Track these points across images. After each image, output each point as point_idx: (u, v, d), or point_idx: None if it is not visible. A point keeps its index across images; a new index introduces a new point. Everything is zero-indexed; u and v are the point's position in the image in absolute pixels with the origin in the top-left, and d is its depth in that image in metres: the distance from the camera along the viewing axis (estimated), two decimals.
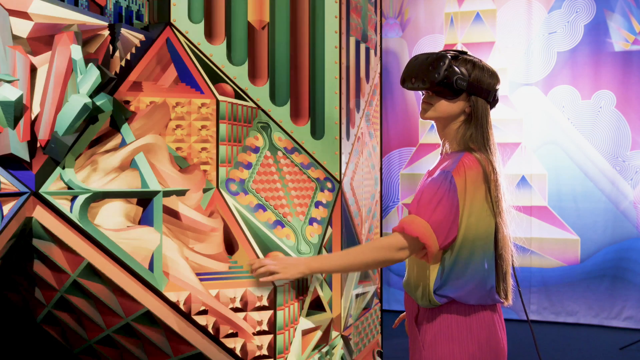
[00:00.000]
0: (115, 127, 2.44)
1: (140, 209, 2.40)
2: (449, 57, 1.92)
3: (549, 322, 5.84)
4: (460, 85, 1.90)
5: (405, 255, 1.85)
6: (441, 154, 2.05)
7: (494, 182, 1.90)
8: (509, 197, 1.96)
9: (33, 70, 2.19)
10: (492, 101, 1.99)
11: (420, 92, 2.02)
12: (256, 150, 2.91)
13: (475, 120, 1.94)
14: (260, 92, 2.95)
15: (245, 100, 2.89)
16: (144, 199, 2.38)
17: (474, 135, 1.94)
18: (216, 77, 2.82)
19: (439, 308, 1.91)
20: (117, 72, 2.54)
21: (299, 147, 3.05)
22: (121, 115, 2.48)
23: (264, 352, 2.54)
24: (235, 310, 2.50)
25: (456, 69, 1.90)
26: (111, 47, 2.51)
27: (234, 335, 2.48)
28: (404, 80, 1.97)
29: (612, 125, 5.74)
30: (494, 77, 1.98)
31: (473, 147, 1.94)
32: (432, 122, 2.08)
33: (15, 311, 2.62)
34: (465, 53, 1.99)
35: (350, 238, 3.35)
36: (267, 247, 2.77)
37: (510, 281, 1.98)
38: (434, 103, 1.95)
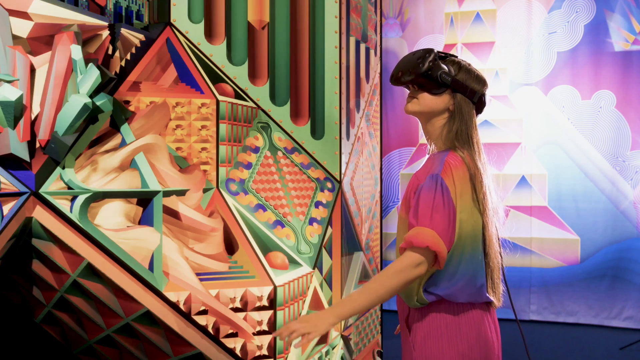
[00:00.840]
0: (115, 127, 2.44)
1: (140, 209, 2.39)
2: (436, 51, 1.94)
3: (549, 322, 5.84)
4: (444, 79, 1.92)
5: (424, 269, 1.84)
6: (428, 154, 2.04)
7: (478, 181, 1.91)
8: (495, 196, 1.96)
9: (33, 70, 2.19)
10: (479, 104, 1.99)
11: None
12: (256, 150, 2.91)
13: (459, 117, 1.95)
14: (260, 92, 2.95)
15: (245, 100, 2.89)
16: (144, 199, 2.38)
17: (458, 133, 1.94)
18: (216, 77, 2.82)
19: (429, 307, 1.92)
20: (117, 72, 2.54)
21: (299, 147, 3.05)
22: (121, 115, 2.48)
23: (264, 352, 2.54)
24: (235, 310, 2.50)
25: (441, 64, 1.93)
26: (111, 47, 2.51)
27: (234, 335, 2.48)
28: (392, 76, 1.99)
29: (612, 125, 5.74)
30: (479, 81, 1.98)
31: (458, 145, 1.94)
32: None
33: (15, 311, 2.61)
34: (454, 56, 2.01)
35: (350, 238, 3.35)
36: (267, 247, 2.77)
37: (499, 279, 1.99)
38: (417, 97, 1.96)
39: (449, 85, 1.93)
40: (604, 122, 5.77)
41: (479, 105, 2.00)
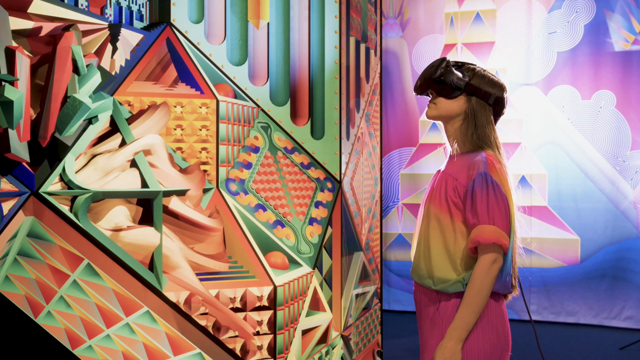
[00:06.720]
0: (115, 127, 2.44)
1: (140, 209, 2.40)
2: (448, 60, 2.08)
3: (549, 322, 5.85)
4: (457, 83, 2.04)
5: (501, 262, 1.95)
6: (451, 154, 2.13)
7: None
8: (515, 195, 2.07)
9: (33, 70, 2.19)
10: (497, 106, 2.10)
11: (423, 96, 2.18)
12: (256, 150, 2.91)
13: (473, 118, 2.06)
14: (260, 92, 2.95)
15: (245, 100, 2.89)
16: (144, 199, 2.38)
17: (475, 135, 2.06)
18: (216, 77, 2.82)
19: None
20: (117, 72, 2.54)
21: (299, 147, 3.05)
22: (121, 115, 2.48)
23: (264, 352, 2.54)
24: (235, 310, 2.50)
25: (454, 70, 2.06)
26: (111, 47, 2.51)
27: (234, 335, 2.48)
28: (414, 87, 2.16)
29: (612, 125, 5.74)
30: (494, 85, 2.10)
31: (484, 146, 2.05)
32: (433, 122, 2.19)
33: (15, 311, 2.61)
34: (471, 64, 2.13)
35: (350, 238, 3.35)
36: (267, 247, 2.77)
37: (517, 274, 2.12)
38: (435, 102, 2.09)
39: (462, 89, 2.04)
40: (604, 122, 5.77)
41: (498, 108, 2.11)
